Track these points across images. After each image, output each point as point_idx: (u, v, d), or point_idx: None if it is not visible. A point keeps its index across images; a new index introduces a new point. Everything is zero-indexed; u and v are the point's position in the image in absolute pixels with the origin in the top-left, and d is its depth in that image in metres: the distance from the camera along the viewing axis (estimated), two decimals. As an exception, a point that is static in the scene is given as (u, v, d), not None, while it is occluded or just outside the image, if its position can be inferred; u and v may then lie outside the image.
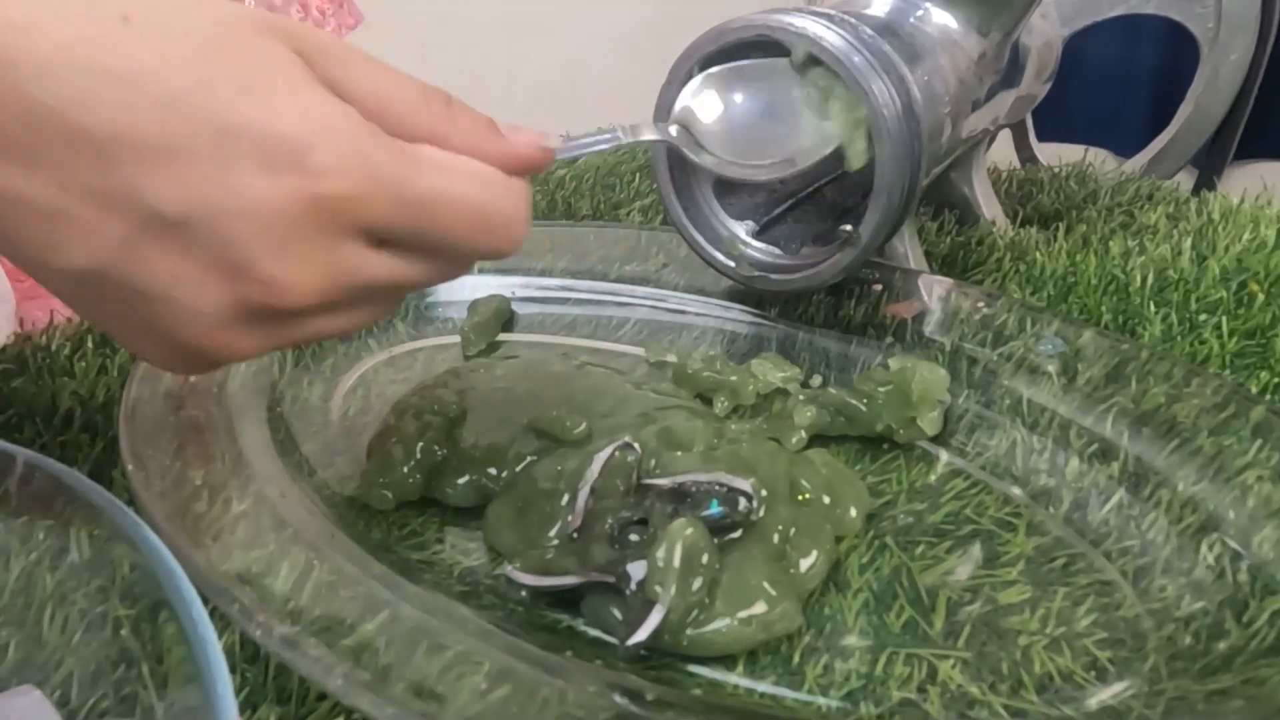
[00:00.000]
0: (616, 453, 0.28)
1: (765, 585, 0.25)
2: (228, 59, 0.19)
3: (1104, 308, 0.44)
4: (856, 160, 0.34)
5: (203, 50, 0.19)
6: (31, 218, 0.19)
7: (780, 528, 0.27)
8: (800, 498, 0.29)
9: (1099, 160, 0.72)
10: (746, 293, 0.42)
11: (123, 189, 0.18)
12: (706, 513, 0.26)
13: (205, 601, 0.22)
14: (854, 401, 0.34)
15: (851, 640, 0.26)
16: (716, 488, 0.27)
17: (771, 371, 0.37)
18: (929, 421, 0.34)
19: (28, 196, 0.18)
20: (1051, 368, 0.35)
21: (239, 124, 0.19)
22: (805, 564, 0.27)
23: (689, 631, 0.24)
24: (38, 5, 0.18)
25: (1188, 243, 0.50)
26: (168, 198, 0.18)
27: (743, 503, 0.27)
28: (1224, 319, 0.42)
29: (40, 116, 0.18)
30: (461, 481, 0.31)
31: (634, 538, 0.26)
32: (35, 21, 0.18)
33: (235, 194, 0.19)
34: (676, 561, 0.25)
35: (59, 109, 0.18)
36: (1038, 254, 0.49)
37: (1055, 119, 0.83)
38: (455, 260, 0.23)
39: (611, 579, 0.25)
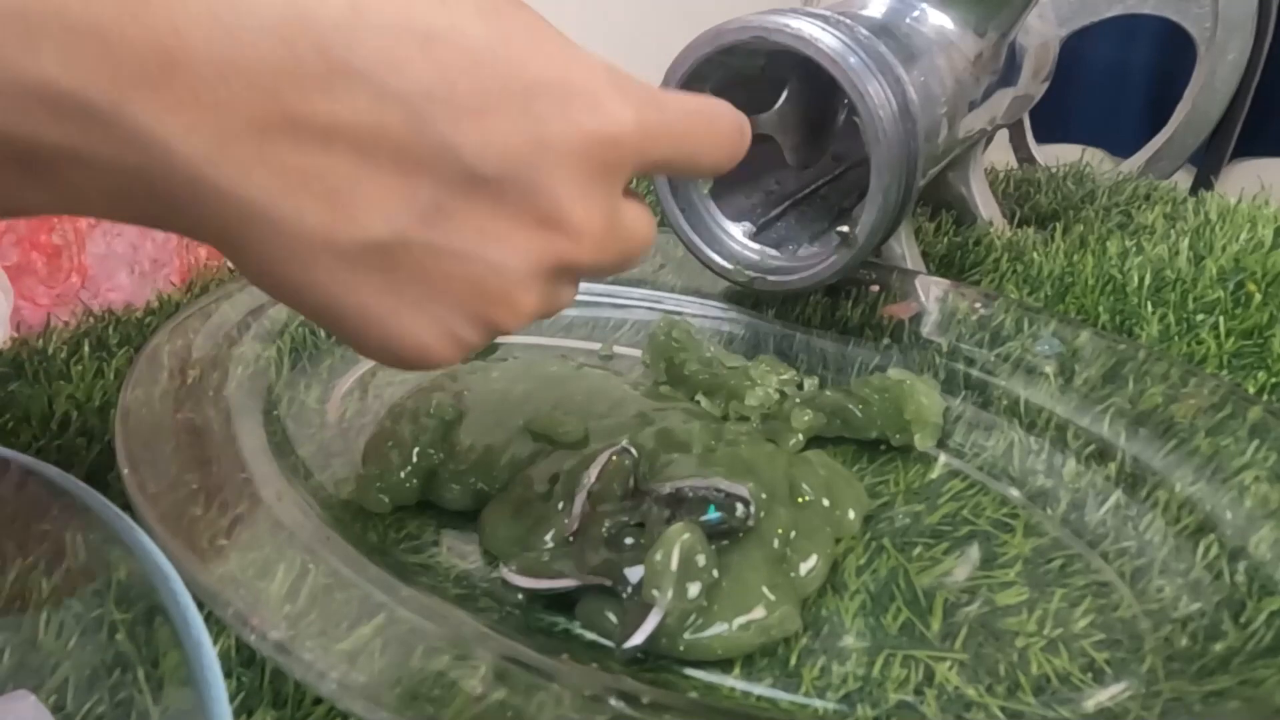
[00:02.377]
0: (614, 457, 0.28)
1: (764, 590, 0.25)
2: (507, 17, 0.19)
3: (1101, 308, 0.44)
4: (924, 439, 0.34)
5: (484, 10, 0.18)
6: (315, 193, 0.18)
7: (780, 531, 0.27)
8: (799, 500, 0.29)
9: (1096, 160, 0.72)
10: (743, 294, 0.42)
11: (435, 149, 0.18)
12: (704, 518, 0.26)
13: (200, 605, 0.22)
14: (850, 406, 0.34)
15: (848, 642, 0.26)
16: (714, 493, 0.27)
17: (768, 375, 0.37)
18: (922, 438, 0.34)
19: (318, 168, 0.17)
20: (1049, 368, 0.35)
21: (540, 78, 0.19)
22: (805, 567, 0.27)
23: (686, 636, 0.24)
24: None
25: (1185, 243, 0.50)
26: (482, 154, 0.18)
27: (740, 508, 0.27)
28: (1221, 319, 0.42)
29: (343, 79, 0.17)
30: (458, 485, 0.31)
31: (630, 541, 0.26)
32: None
33: (544, 146, 0.19)
34: (674, 565, 0.24)
35: (365, 70, 0.17)
36: (1035, 254, 0.49)
37: (1053, 120, 0.83)
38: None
39: (608, 582, 0.25)
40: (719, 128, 0.23)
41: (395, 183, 0.18)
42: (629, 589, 0.25)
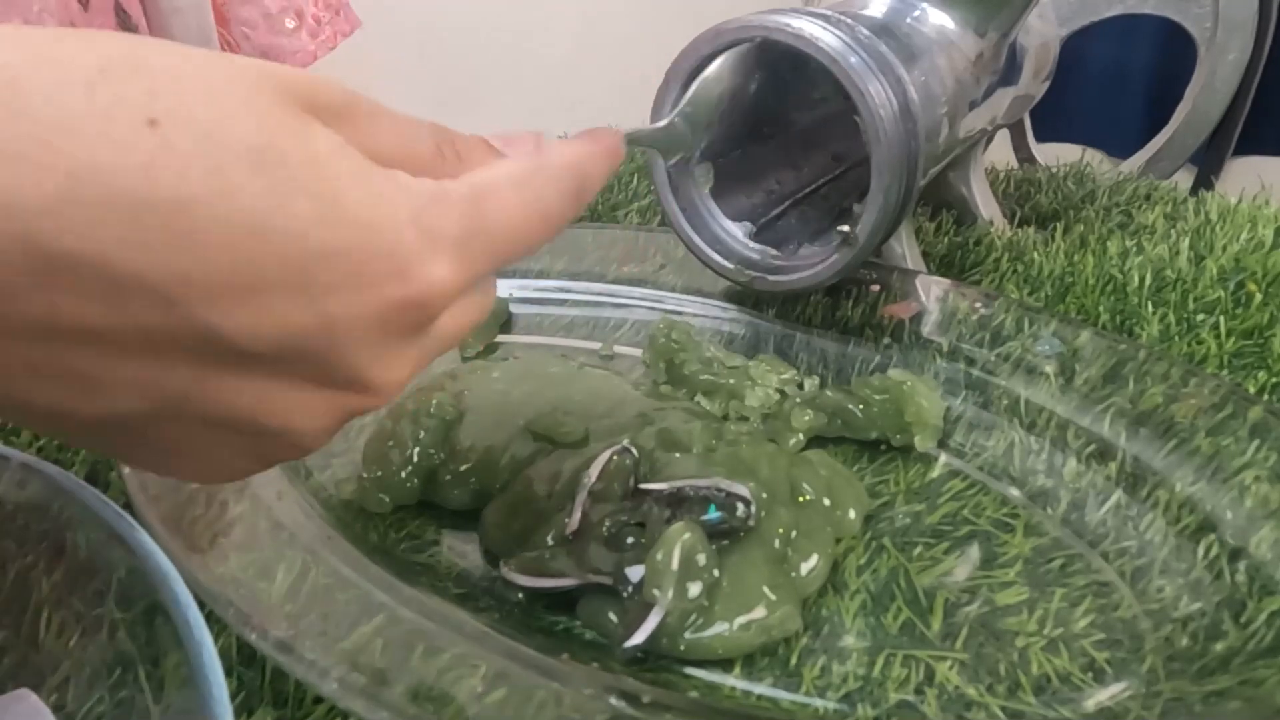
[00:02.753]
0: (614, 457, 0.28)
1: (765, 590, 0.25)
2: (290, 166, 0.15)
3: (1102, 308, 0.44)
4: (924, 441, 0.34)
5: (260, 159, 0.15)
6: (47, 381, 0.15)
7: (781, 531, 0.27)
8: (800, 499, 0.29)
9: (1096, 160, 0.72)
10: (744, 294, 0.42)
11: (192, 332, 0.15)
12: (704, 518, 0.26)
13: (201, 605, 0.22)
14: (850, 406, 0.34)
15: (849, 642, 0.26)
16: (715, 492, 0.27)
17: (769, 375, 0.37)
18: (922, 440, 0.34)
19: (44, 362, 0.15)
20: (1049, 368, 0.35)
21: (327, 245, 0.16)
22: (806, 567, 0.27)
23: (687, 635, 0.24)
24: (36, 124, 0.13)
25: (1185, 242, 0.50)
26: (251, 334, 0.15)
27: (741, 508, 0.27)
28: (1221, 319, 0.42)
29: (61, 270, 0.14)
30: (458, 485, 0.31)
31: (630, 540, 0.26)
32: (37, 145, 0.13)
33: (332, 323, 0.16)
34: (675, 564, 0.25)
35: (88, 256, 0.14)
36: (1035, 254, 0.49)
37: (1053, 119, 0.83)
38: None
39: (609, 581, 0.25)
40: (553, 217, 0.20)
41: (143, 366, 0.15)
42: (630, 588, 0.25)
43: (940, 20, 0.43)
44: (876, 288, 0.41)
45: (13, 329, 0.14)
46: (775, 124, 0.45)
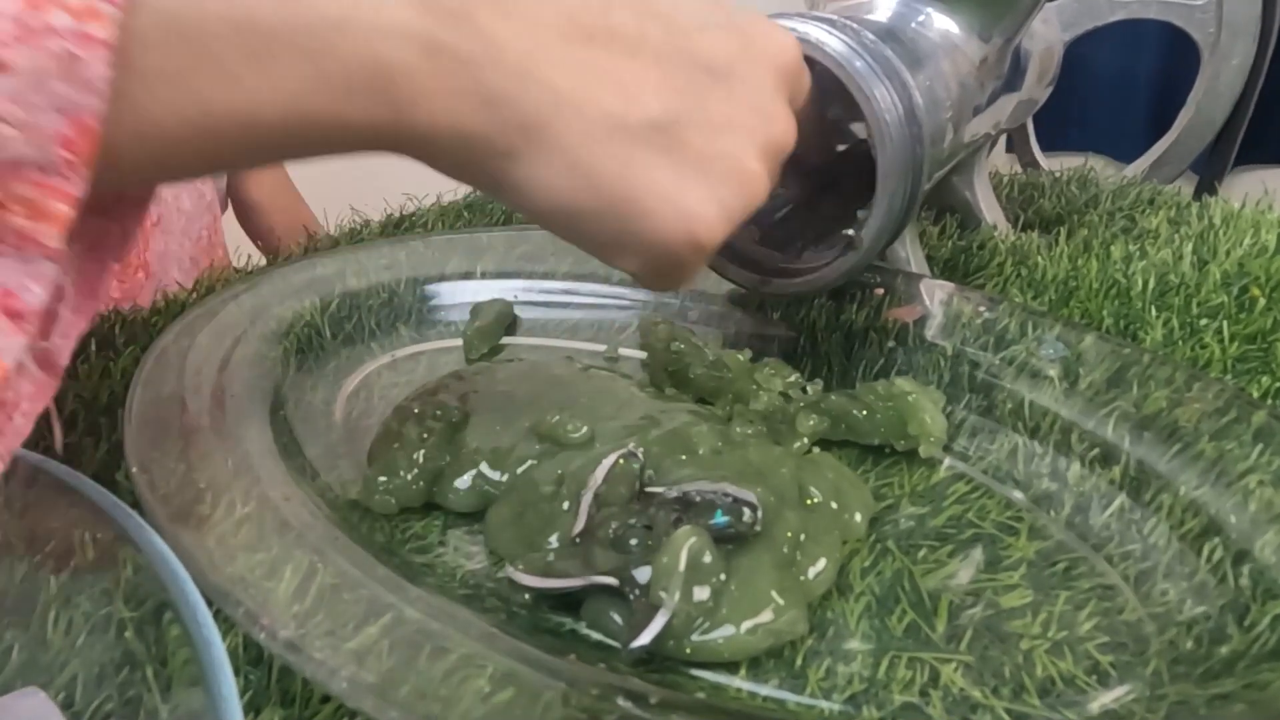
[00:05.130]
0: (620, 460, 0.28)
1: (773, 593, 0.25)
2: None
3: (1105, 312, 0.44)
4: (928, 450, 0.34)
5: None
6: (605, 83, 0.23)
7: (789, 534, 0.27)
8: (808, 503, 0.30)
9: (1100, 165, 0.72)
10: (749, 296, 0.42)
11: (680, 50, 0.25)
12: (711, 522, 0.26)
13: (209, 604, 0.22)
14: (855, 412, 0.34)
15: (854, 644, 0.26)
16: (721, 497, 0.27)
17: (773, 379, 0.37)
18: (926, 448, 0.34)
19: (604, 64, 0.24)
20: (1053, 372, 0.35)
21: (731, 12, 0.27)
22: (813, 571, 0.27)
23: (693, 638, 0.24)
24: None
25: (1189, 247, 0.50)
26: (714, 54, 0.25)
27: (747, 513, 0.27)
28: (1225, 324, 0.42)
29: (616, 5, 0.24)
30: (464, 486, 0.31)
31: (634, 542, 0.26)
32: None
33: (756, 54, 0.26)
34: (681, 566, 0.25)
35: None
36: (1039, 258, 0.49)
37: (1056, 125, 0.83)
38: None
39: (615, 582, 0.25)
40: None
41: (659, 73, 0.24)
42: (636, 590, 0.25)
43: (945, 25, 0.43)
44: (881, 291, 0.41)
45: (589, 40, 0.23)
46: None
